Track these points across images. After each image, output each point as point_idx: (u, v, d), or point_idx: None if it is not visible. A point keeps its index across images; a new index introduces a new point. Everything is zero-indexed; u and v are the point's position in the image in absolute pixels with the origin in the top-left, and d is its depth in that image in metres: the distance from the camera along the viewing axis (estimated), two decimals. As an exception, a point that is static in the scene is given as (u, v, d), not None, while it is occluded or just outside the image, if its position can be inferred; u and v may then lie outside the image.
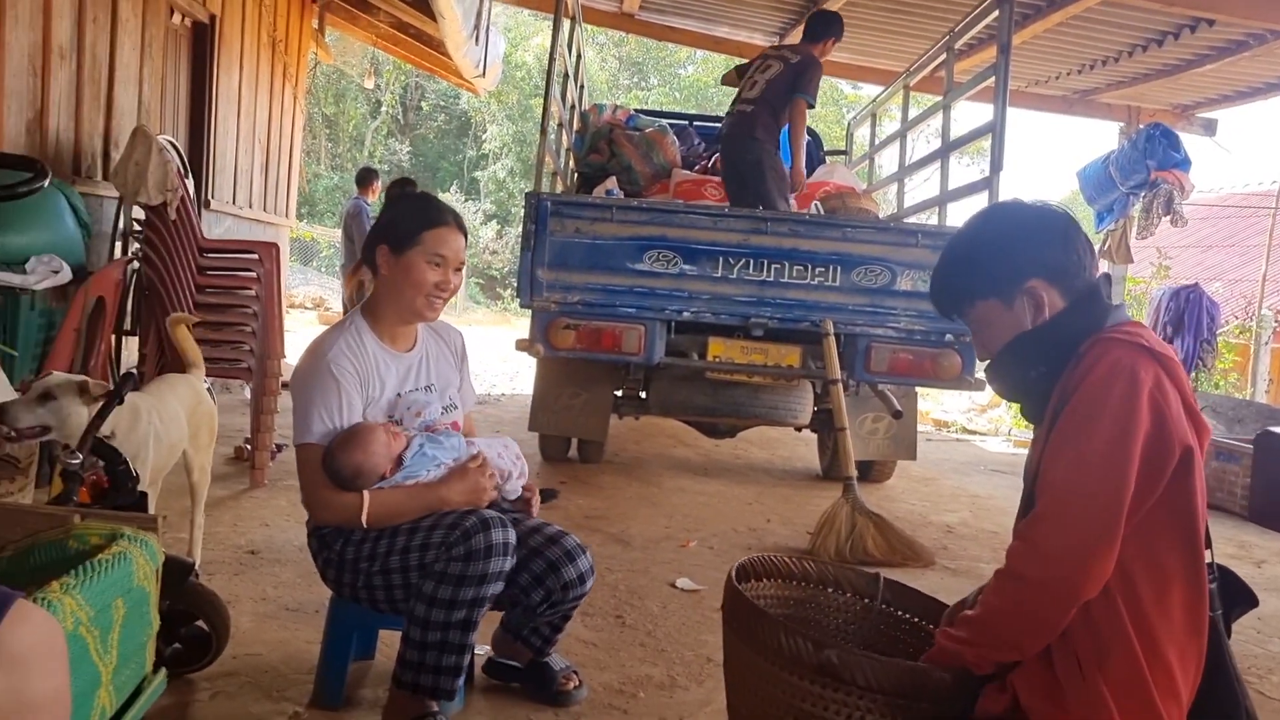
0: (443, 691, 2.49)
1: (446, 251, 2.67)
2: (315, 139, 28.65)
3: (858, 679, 1.72)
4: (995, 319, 1.87)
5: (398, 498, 2.56)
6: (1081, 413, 1.65)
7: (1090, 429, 1.63)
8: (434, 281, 2.67)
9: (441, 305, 2.74)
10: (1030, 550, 1.65)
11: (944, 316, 2.01)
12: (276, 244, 6.05)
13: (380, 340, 2.73)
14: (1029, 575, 1.64)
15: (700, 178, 6.99)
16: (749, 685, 1.92)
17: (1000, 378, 1.92)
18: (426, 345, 2.85)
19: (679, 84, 30.56)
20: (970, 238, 1.95)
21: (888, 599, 2.24)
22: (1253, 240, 17.00)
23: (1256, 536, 5.99)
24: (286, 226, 10.88)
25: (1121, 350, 1.68)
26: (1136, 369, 1.65)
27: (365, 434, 2.55)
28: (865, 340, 5.51)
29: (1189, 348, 10.19)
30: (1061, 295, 1.82)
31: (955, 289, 1.94)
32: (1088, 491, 1.62)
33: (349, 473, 2.52)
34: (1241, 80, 9.02)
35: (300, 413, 2.60)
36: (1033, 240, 1.85)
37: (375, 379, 2.68)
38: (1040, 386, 1.82)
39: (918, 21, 8.39)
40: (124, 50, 6.03)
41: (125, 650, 1.94)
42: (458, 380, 2.90)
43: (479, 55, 10.21)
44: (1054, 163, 66.19)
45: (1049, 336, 1.80)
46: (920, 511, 6.11)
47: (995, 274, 1.86)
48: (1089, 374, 1.67)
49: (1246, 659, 3.85)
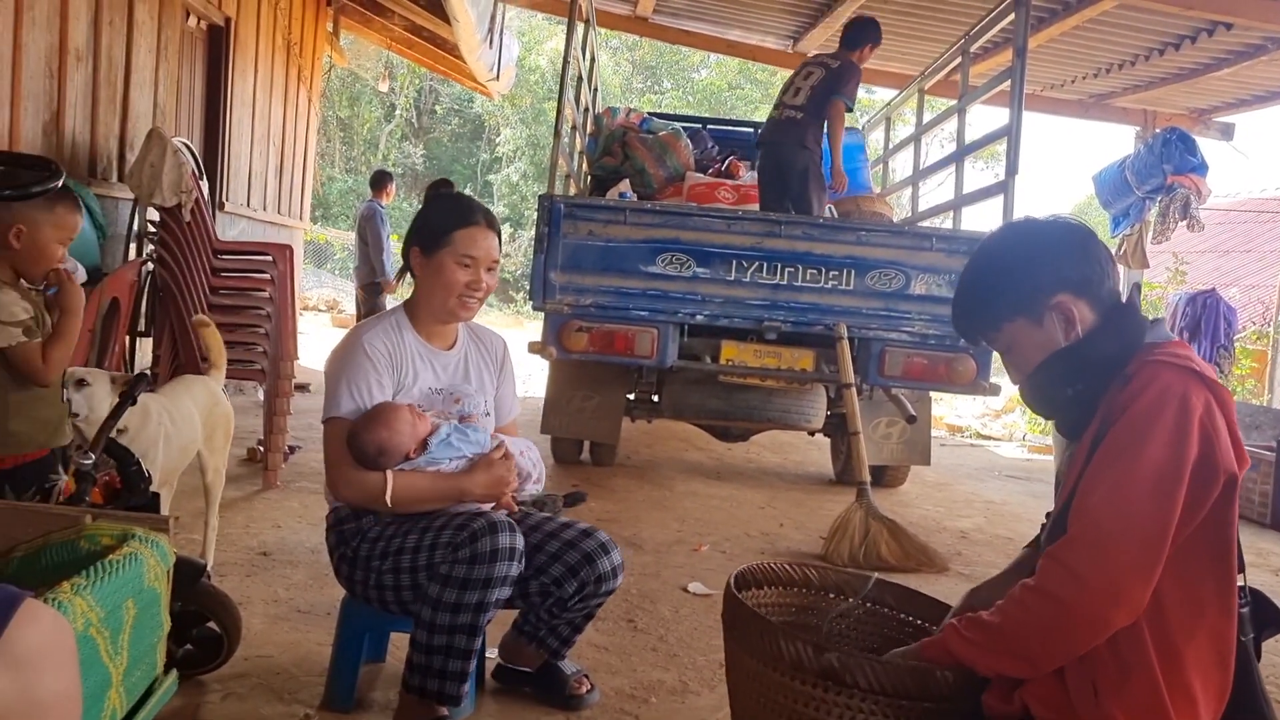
0: (449, 696, 2.48)
1: (476, 252, 2.66)
2: (330, 142, 28.75)
3: (860, 681, 1.70)
4: (1026, 339, 1.81)
5: (421, 483, 2.56)
6: (1128, 437, 1.60)
7: (1138, 455, 1.58)
8: (465, 282, 2.66)
9: (476, 305, 2.73)
10: (1066, 574, 1.58)
11: (971, 343, 1.97)
12: (290, 246, 6.06)
13: (419, 336, 2.75)
14: (1064, 598, 1.58)
15: (713, 181, 6.98)
16: (752, 693, 1.91)
17: (1036, 397, 1.86)
18: (467, 348, 2.86)
19: (693, 87, 30.55)
20: (988, 260, 1.89)
21: (889, 603, 2.22)
22: (1270, 245, 16.92)
23: (1275, 544, 5.95)
24: (300, 229, 10.92)
25: (1172, 374, 1.63)
26: (1188, 394, 1.60)
27: (390, 412, 2.56)
28: (879, 344, 5.49)
29: (1205, 353, 10.13)
30: (1091, 307, 1.78)
31: (980, 314, 1.88)
32: (1132, 519, 1.56)
33: (373, 450, 2.51)
34: (1259, 84, 8.96)
35: (330, 389, 2.62)
36: (1052, 255, 1.80)
37: (409, 367, 2.69)
38: (1078, 404, 1.77)
39: (932, 25, 8.36)
40: (140, 53, 6.06)
41: (136, 651, 1.93)
42: (494, 387, 2.89)
43: (493, 58, 10.23)
44: (1070, 167, 65.98)
45: (1085, 353, 1.76)
46: (934, 517, 6.08)
47: (1019, 293, 1.80)
48: (1138, 397, 1.62)
49: (1266, 669, 3.80)
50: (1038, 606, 1.61)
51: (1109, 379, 1.73)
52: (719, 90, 29.40)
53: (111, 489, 2.71)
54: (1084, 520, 1.60)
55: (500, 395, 2.91)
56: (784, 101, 6.45)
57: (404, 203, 29.41)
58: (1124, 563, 1.55)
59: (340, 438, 2.56)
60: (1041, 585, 1.61)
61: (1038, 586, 1.62)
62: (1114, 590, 1.55)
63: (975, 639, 1.69)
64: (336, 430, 2.57)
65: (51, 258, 2.77)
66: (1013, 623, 1.64)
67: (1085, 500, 1.62)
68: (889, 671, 1.71)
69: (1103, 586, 1.55)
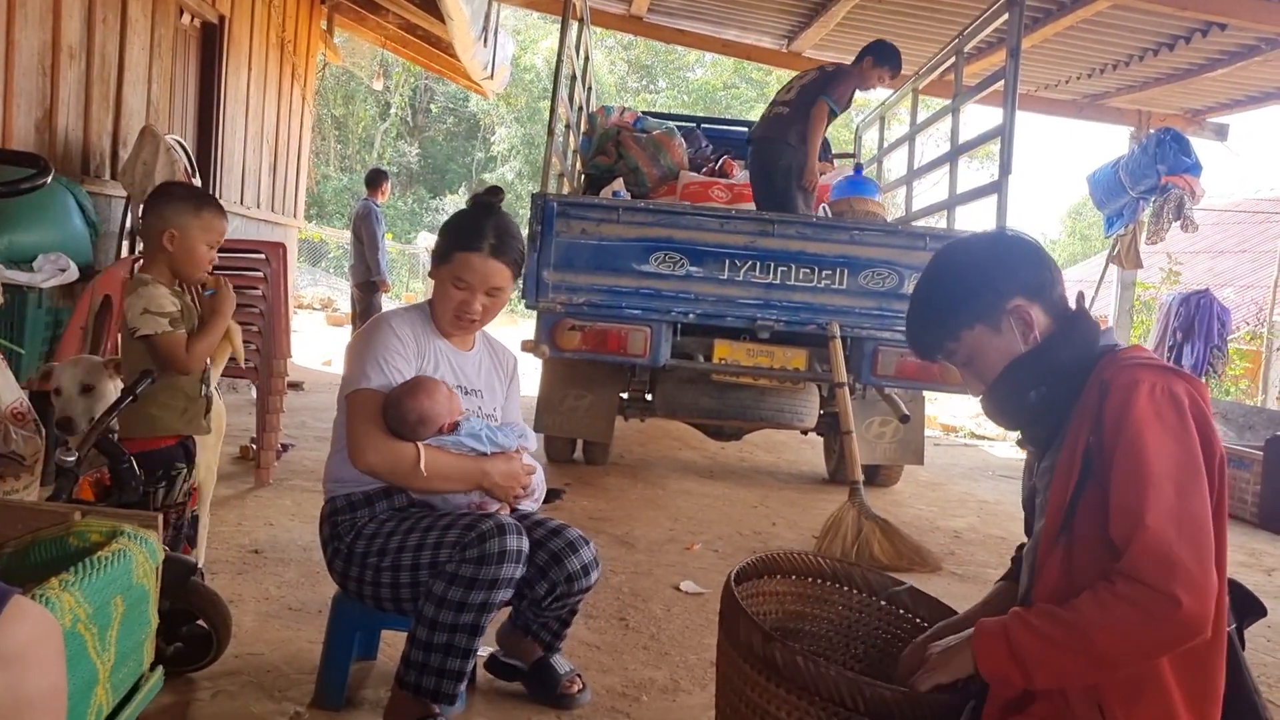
0: (444, 695, 2.48)
1: (470, 277, 2.65)
2: (324, 140, 28.73)
3: (796, 679, 1.71)
4: (986, 347, 1.81)
5: (448, 459, 2.56)
6: (1140, 443, 1.57)
7: (1162, 457, 1.56)
8: (457, 301, 2.67)
9: (471, 326, 2.74)
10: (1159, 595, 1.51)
11: (928, 358, 1.93)
12: (284, 244, 6.05)
13: (440, 333, 2.77)
14: (1160, 617, 1.51)
15: (707, 180, 6.99)
16: (721, 669, 1.94)
17: (1000, 406, 1.84)
18: (483, 353, 2.88)
19: (687, 87, 30.58)
20: (941, 273, 1.90)
21: (904, 603, 2.21)
22: (1264, 246, 16.94)
23: (1267, 544, 5.96)
24: (295, 227, 10.89)
25: (1153, 374, 1.63)
26: (1174, 389, 1.61)
27: (433, 384, 2.58)
28: (872, 343, 5.50)
29: (1199, 354, 10.15)
30: (1045, 312, 1.79)
31: (938, 325, 1.87)
32: (1187, 525, 1.53)
33: (414, 416, 2.51)
34: (1253, 85, 8.98)
35: (355, 366, 2.61)
36: (1005, 261, 1.83)
37: (430, 356, 2.70)
38: (1043, 409, 1.77)
39: (927, 25, 8.37)
40: (133, 50, 6.05)
41: (123, 648, 1.93)
42: (502, 397, 2.89)
43: (487, 57, 10.22)
44: (1064, 167, 66.12)
45: (1046, 357, 1.77)
46: (927, 516, 6.09)
47: (976, 300, 1.80)
48: (1131, 403, 1.60)
49: (1258, 668, 3.80)
50: (1125, 617, 1.53)
51: (1073, 385, 1.72)
52: (714, 90, 29.42)
53: (102, 486, 2.71)
54: (1146, 536, 1.54)
55: (507, 409, 2.92)
56: (777, 99, 6.47)
57: (399, 201, 29.43)
58: (1205, 571, 1.52)
59: (370, 406, 2.54)
60: (1129, 597, 1.53)
61: (1125, 598, 1.53)
62: (1205, 598, 1.51)
63: (1047, 630, 1.58)
64: (364, 399, 2.55)
65: (201, 260, 3.02)
66: (1092, 623, 1.55)
67: (1136, 517, 1.55)
68: (826, 677, 1.69)
69: (1194, 600, 1.50)
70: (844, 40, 9.17)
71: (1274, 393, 12.91)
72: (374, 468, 2.53)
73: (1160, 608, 1.50)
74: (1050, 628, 1.58)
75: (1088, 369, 1.73)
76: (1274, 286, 12.97)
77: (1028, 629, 1.60)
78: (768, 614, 2.18)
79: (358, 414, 2.55)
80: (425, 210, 30.39)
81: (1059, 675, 1.60)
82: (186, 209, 2.97)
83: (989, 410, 1.88)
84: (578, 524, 4.91)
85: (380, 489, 2.64)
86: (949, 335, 1.85)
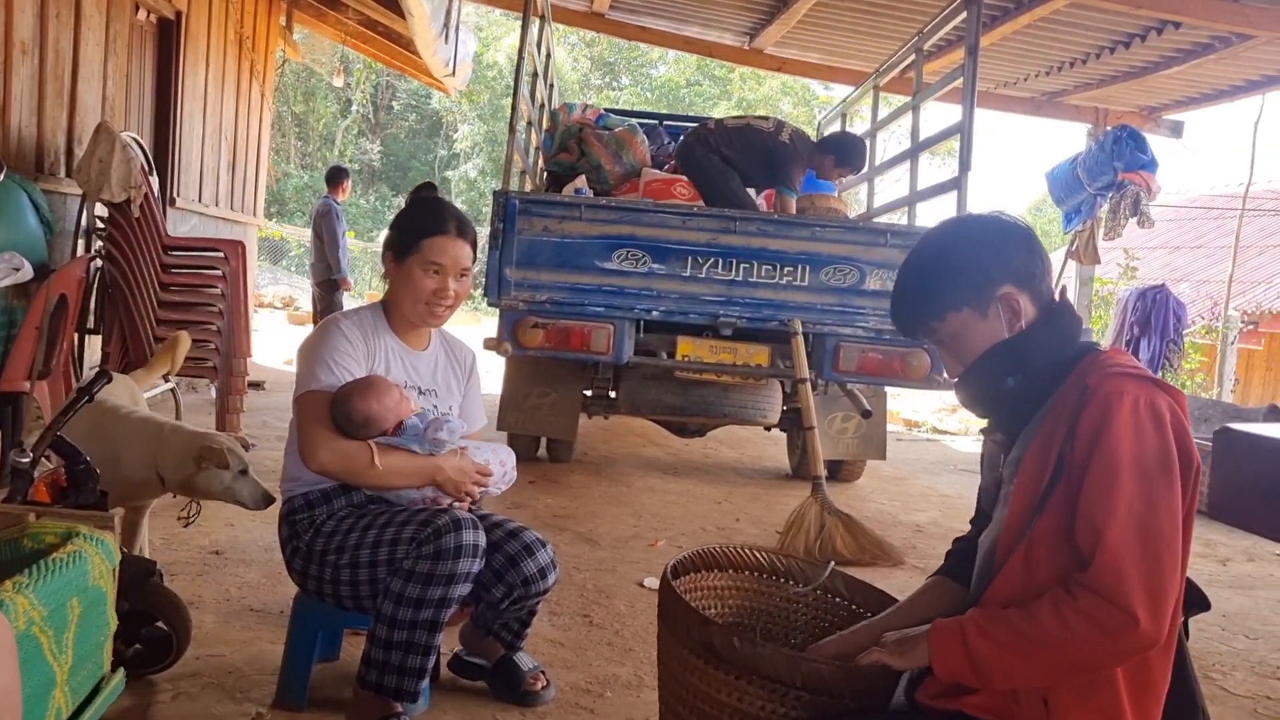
0: (406, 693, 2.47)
1: (444, 260, 2.66)
2: (284, 137, 28.49)
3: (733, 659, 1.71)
4: (969, 331, 1.78)
5: (400, 456, 2.55)
6: (1119, 458, 1.57)
7: (1137, 472, 1.56)
8: (432, 289, 2.67)
9: (445, 312, 2.73)
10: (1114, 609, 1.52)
11: (909, 335, 1.89)
12: (243, 242, 6.00)
13: (394, 334, 2.76)
14: (1113, 630, 1.52)
15: (670, 177, 6.99)
16: (661, 657, 1.94)
17: (974, 388, 1.82)
18: (438, 352, 2.86)
19: (650, 84, 30.58)
20: (933, 249, 1.84)
21: (840, 591, 2.21)
22: (1219, 242, 17.22)
23: (1222, 535, 6.05)
24: (254, 225, 10.79)
25: (1135, 384, 1.62)
26: (1157, 402, 1.60)
27: (382, 385, 2.57)
28: (834, 339, 5.52)
29: (1156, 348, 10.29)
30: (1032, 302, 1.77)
31: (923, 304, 1.82)
32: (1159, 543, 1.54)
33: (360, 417, 2.51)
34: (1207, 83, 9.12)
35: (306, 366, 2.61)
36: (1000, 247, 1.78)
37: (382, 360, 2.70)
38: (1017, 397, 1.75)
39: (887, 22, 8.43)
40: (88, 46, 5.96)
41: (81, 650, 1.91)
42: (459, 395, 2.88)
43: (449, 54, 10.17)
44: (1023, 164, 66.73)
45: (1027, 346, 1.75)
46: (890, 511, 6.13)
47: (967, 283, 1.77)
48: (1112, 414, 1.59)
49: (1211, 656, 3.88)
50: (1082, 630, 1.54)
51: (1050, 378, 1.72)
52: (677, 87, 29.45)
53: (58, 487, 2.67)
54: (1116, 554, 1.54)
55: (467, 406, 2.91)
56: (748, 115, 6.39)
57: (361, 199, 29.23)
58: (1166, 589, 1.54)
59: (319, 407, 2.54)
60: (1087, 611, 1.54)
61: (1083, 611, 1.54)
62: (1163, 620, 1.53)
63: (1006, 640, 1.59)
64: (314, 400, 2.55)
65: None
66: (1049, 634, 1.56)
67: (1102, 529, 1.56)
68: (763, 656, 1.70)
69: (1151, 619, 1.52)
70: (805, 38, 9.22)
71: (1229, 386, 13.11)
72: (326, 467, 2.53)
73: (1118, 624, 1.52)
74: (1007, 636, 1.59)
75: (1067, 365, 1.72)
76: (1229, 281, 13.17)
77: (984, 636, 1.61)
78: (708, 608, 2.18)
79: (307, 415, 2.55)
80: (388, 208, 30.18)
81: (1013, 680, 1.62)
82: None
83: (963, 391, 1.86)
84: (541, 522, 4.93)
85: (337, 486, 2.64)
86: (935, 315, 1.81)
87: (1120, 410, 1.59)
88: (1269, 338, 15.22)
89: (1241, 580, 5.16)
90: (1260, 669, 3.82)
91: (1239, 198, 13.92)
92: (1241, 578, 5.21)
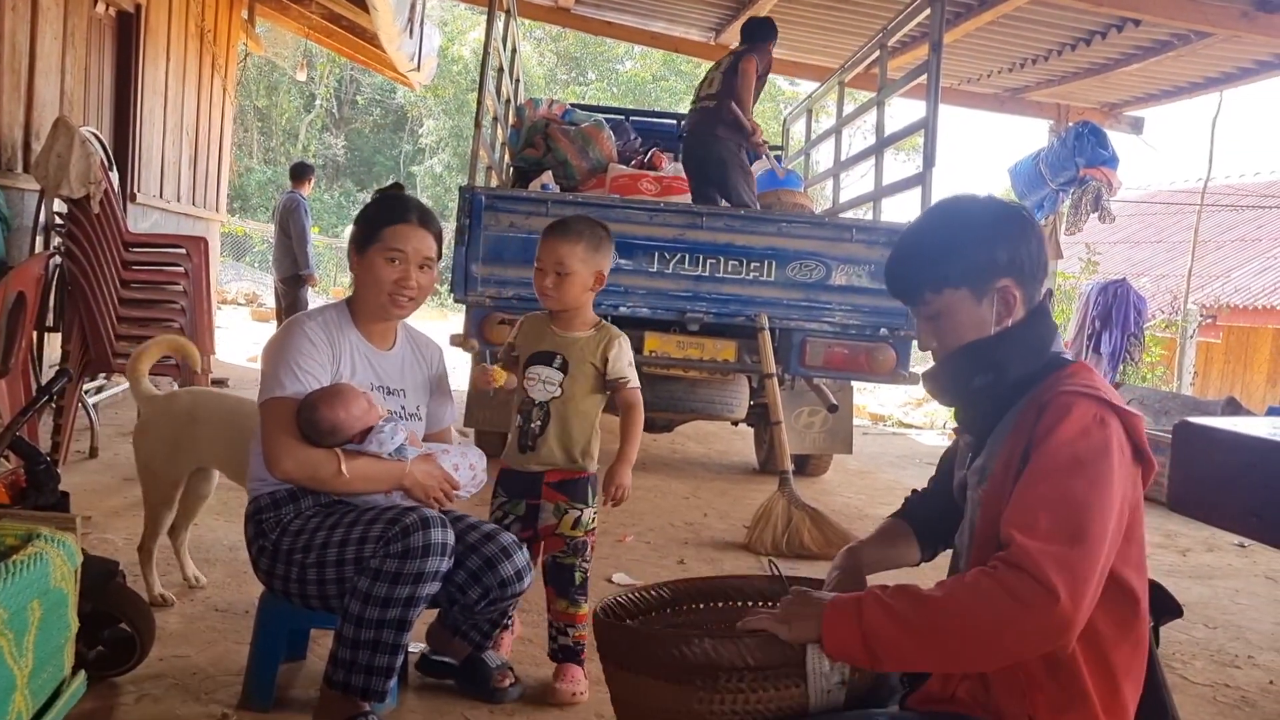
0: (374, 692, 2.46)
1: (404, 246, 2.64)
2: (247, 132, 28.20)
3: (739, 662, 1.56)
4: (959, 312, 1.73)
5: (367, 462, 2.54)
6: (1058, 454, 1.56)
7: (1074, 468, 1.55)
8: (394, 278, 2.64)
9: (408, 304, 2.70)
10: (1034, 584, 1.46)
11: (899, 298, 1.83)
12: (205, 238, 5.95)
13: (359, 333, 2.74)
14: (1034, 606, 1.45)
15: (636, 172, 6.99)
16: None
17: (945, 379, 1.78)
18: (404, 350, 2.84)
19: (617, 79, 30.52)
20: (952, 218, 1.78)
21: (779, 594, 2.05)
22: (1179, 236, 17.44)
23: (1182, 525, 6.13)
24: (217, 221, 10.70)
25: (1088, 401, 1.61)
26: (1105, 417, 1.59)
27: (351, 394, 2.55)
28: (800, 335, 5.55)
29: (1117, 341, 10.42)
30: (1024, 302, 1.74)
31: (926, 270, 1.74)
32: (1086, 531, 1.51)
33: (326, 426, 2.49)
34: (1166, 80, 9.23)
35: (270, 371, 2.59)
36: (1014, 236, 1.72)
37: (347, 360, 2.67)
38: (985, 396, 1.73)
39: (852, 19, 8.47)
40: (45, 39, 5.88)
41: (42, 653, 1.88)
42: (427, 394, 2.87)
43: (413, 48, 10.12)
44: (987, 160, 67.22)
45: (1002, 348, 1.71)
46: (856, 505, 6.17)
47: (974, 262, 1.71)
48: (1059, 421, 1.59)
49: (1171, 645, 3.94)
50: (996, 598, 1.48)
51: (1018, 386, 1.71)
52: (643, 82, 29.41)
53: (18, 488, 2.64)
54: (1044, 533, 1.50)
55: (435, 403, 2.90)
56: (700, 94, 6.50)
57: (325, 194, 29.00)
58: (1087, 577, 1.48)
59: (283, 415, 2.52)
60: (1004, 580, 1.48)
61: (1000, 580, 1.48)
62: (1081, 602, 1.47)
63: (907, 615, 1.51)
64: (278, 408, 2.53)
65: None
66: (959, 604, 1.50)
67: (1034, 512, 1.53)
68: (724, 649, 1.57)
69: (1070, 598, 1.46)
70: (771, 33, 9.23)
71: (1188, 379, 13.29)
72: (291, 475, 2.52)
73: (1037, 597, 1.45)
74: (908, 607, 1.51)
75: (1036, 376, 1.70)
76: (1188, 275, 13.35)
77: (882, 607, 1.52)
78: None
79: (272, 423, 2.53)
80: (352, 203, 29.94)
81: (904, 659, 1.54)
82: None
83: (931, 381, 1.83)
84: (509, 518, 4.89)
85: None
86: (933, 285, 1.74)
87: (1068, 418, 1.58)
88: (1227, 331, 15.43)
89: (1201, 570, 5.23)
90: (1219, 657, 3.88)
91: (1198, 193, 14.10)
92: (1201, 568, 5.29)
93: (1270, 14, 7.00)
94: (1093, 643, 1.59)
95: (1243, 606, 4.63)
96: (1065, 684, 1.59)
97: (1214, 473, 3.15)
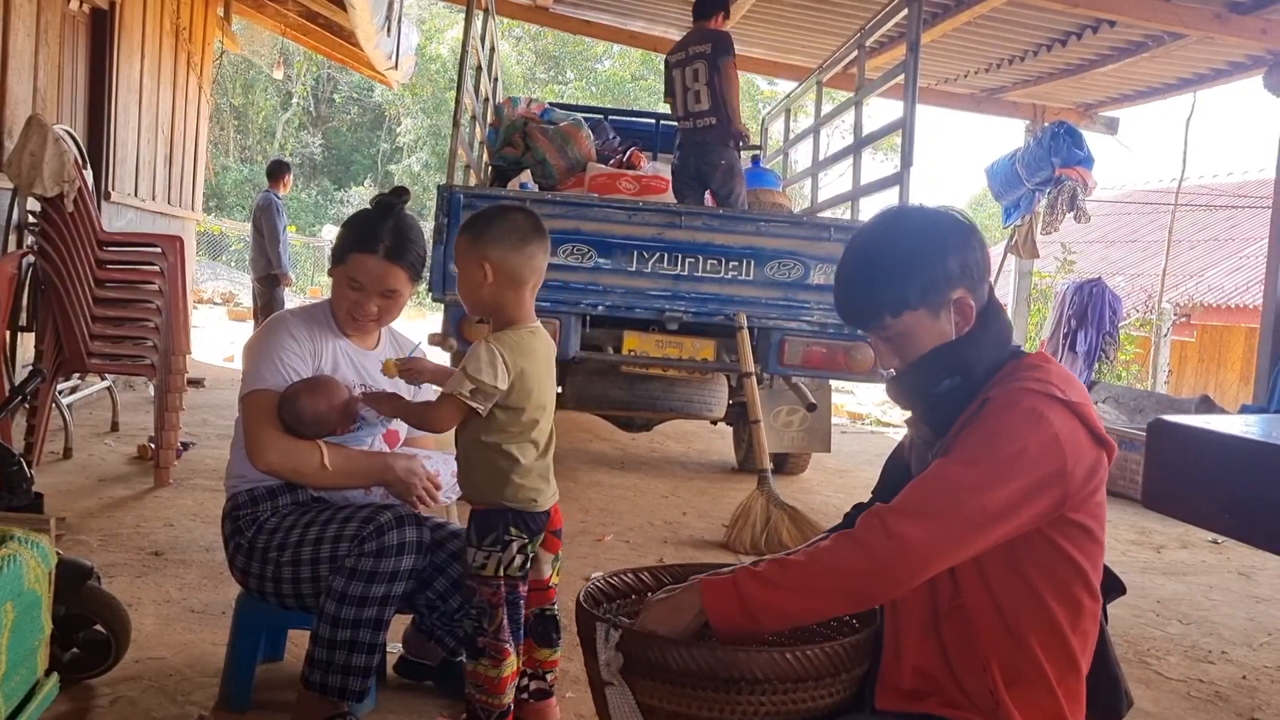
0: (351, 692, 2.45)
1: (363, 279, 2.61)
2: (223, 130, 28.03)
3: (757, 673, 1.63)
4: (919, 330, 1.72)
5: (349, 455, 2.55)
6: (979, 436, 1.64)
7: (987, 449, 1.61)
8: (350, 302, 2.64)
9: (365, 327, 2.71)
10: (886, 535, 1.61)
11: (857, 327, 1.81)
12: (180, 237, 5.90)
13: (343, 331, 2.73)
14: (879, 556, 1.61)
15: (615, 171, 6.98)
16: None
17: (910, 386, 1.78)
18: (387, 350, 2.84)
19: (595, 78, 30.53)
20: (897, 241, 1.75)
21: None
22: (1153, 236, 17.58)
23: (1156, 523, 6.18)
24: (193, 219, 10.63)
25: (1030, 396, 1.64)
26: (1042, 408, 1.62)
27: (334, 386, 2.56)
28: (779, 334, 5.55)
29: (1092, 340, 10.49)
30: (977, 305, 1.75)
31: (883, 295, 1.72)
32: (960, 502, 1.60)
33: (309, 417, 2.49)
34: (1141, 80, 9.30)
35: (252, 364, 2.58)
36: (961, 245, 1.73)
37: (328, 356, 2.67)
38: (951, 398, 1.73)
39: (830, 19, 8.50)
40: (17, 36, 5.82)
41: (15, 655, 1.87)
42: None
43: (391, 47, 10.09)
44: (964, 159, 67.59)
45: (966, 350, 1.73)
46: (835, 503, 6.18)
47: (930, 280, 1.70)
48: (991, 415, 1.65)
49: (1145, 641, 3.97)
50: (851, 556, 1.64)
51: (981, 382, 1.73)
52: (622, 81, 29.44)
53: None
54: (917, 493, 1.65)
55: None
56: (690, 111, 6.38)
57: (302, 193, 28.87)
58: (942, 538, 1.60)
59: (265, 407, 2.51)
60: (860, 538, 1.64)
61: (856, 538, 1.65)
62: (925, 562, 1.60)
63: (775, 579, 1.67)
64: (260, 400, 2.52)
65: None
66: (820, 566, 1.66)
67: (923, 479, 1.66)
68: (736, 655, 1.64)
69: (918, 557, 1.60)
70: (750, 33, 9.25)
71: (1163, 377, 13.38)
72: (274, 467, 2.51)
73: (876, 538, 1.61)
74: (780, 576, 1.67)
75: (993, 371, 1.74)
76: (1163, 274, 13.45)
77: (753, 576, 1.68)
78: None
79: (254, 415, 2.52)
80: (330, 202, 29.85)
81: (779, 615, 1.68)
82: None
83: (896, 389, 1.83)
84: (488, 518, 4.88)
85: (283, 484, 2.61)
86: (892, 309, 1.72)
87: (1001, 411, 1.65)
88: (1201, 330, 15.56)
89: (1175, 567, 5.28)
90: (1193, 653, 3.91)
91: (1172, 193, 14.21)
92: (1175, 564, 5.33)
93: (1242, 16, 7.06)
94: (1048, 621, 1.66)
95: (1216, 602, 4.67)
96: (1019, 660, 1.66)
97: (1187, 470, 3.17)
